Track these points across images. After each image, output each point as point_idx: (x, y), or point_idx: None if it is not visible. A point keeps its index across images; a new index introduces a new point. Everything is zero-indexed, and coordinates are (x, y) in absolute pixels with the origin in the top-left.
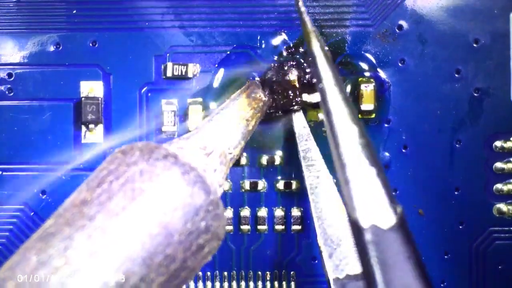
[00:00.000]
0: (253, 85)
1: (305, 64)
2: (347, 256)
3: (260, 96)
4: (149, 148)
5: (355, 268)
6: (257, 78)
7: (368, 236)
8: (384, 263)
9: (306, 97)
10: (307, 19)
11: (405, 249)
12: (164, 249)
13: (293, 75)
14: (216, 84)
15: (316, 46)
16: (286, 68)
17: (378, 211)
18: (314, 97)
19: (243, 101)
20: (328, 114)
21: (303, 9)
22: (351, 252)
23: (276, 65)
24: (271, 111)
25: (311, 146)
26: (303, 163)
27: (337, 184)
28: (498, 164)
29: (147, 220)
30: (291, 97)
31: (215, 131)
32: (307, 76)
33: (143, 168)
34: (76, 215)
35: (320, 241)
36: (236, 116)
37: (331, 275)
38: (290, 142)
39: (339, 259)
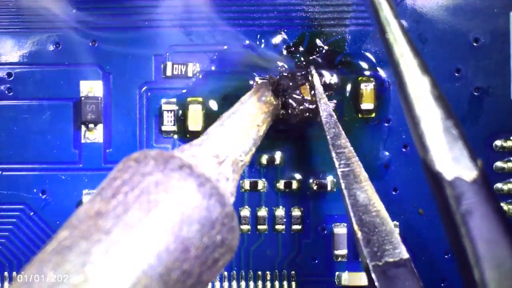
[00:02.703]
0: (263, 88)
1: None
2: (385, 243)
3: (270, 99)
4: (163, 158)
5: (395, 254)
6: (264, 79)
7: (452, 189)
8: (471, 216)
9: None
10: None
11: (490, 202)
12: (181, 265)
13: (306, 89)
14: (215, 83)
15: None
16: (299, 78)
17: (460, 163)
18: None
19: (254, 105)
20: (396, 65)
21: None
22: (388, 239)
23: (287, 74)
24: (281, 127)
25: (339, 133)
26: (333, 151)
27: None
28: (498, 163)
29: (165, 234)
30: (306, 109)
31: (227, 137)
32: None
33: (158, 179)
34: (92, 228)
35: (356, 228)
36: (247, 121)
37: (370, 262)
38: (290, 142)
39: (377, 246)
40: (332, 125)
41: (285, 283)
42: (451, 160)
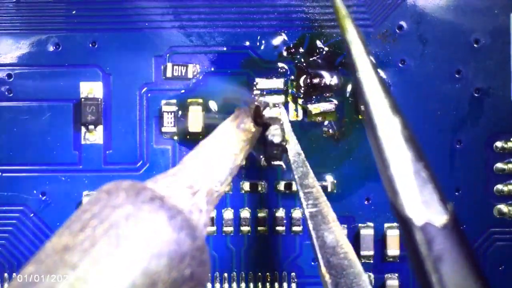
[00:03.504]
0: (242, 115)
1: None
2: (353, 286)
3: (249, 127)
4: (135, 189)
5: None
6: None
7: (423, 235)
8: (440, 262)
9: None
10: (339, 2)
11: (462, 247)
12: None
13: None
14: (215, 84)
15: (351, 33)
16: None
17: (430, 207)
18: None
19: (232, 133)
20: (366, 105)
21: None
22: (356, 282)
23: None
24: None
25: (307, 172)
26: (301, 191)
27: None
28: (499, 165)
29: (131, 269)
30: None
31: (202, 167)
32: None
33: (128, 212)
34: (58, 263)
35: (324, 271)
36: (224, 150)
37: None
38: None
39: None
40: (300, 164)
41: (285, 284)
42: (421, 204)
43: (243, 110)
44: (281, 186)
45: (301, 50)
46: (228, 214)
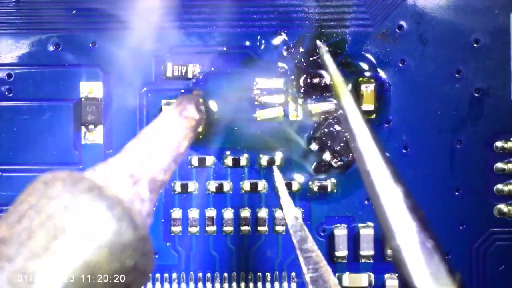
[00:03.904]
0: (184, 101)
1: None
2: None
3: (192, 114)
4: (72, 179)
5: None
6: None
7: None
8: None
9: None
10: (333, 68)
11: None
12: None
13: None
14: (215, 84)
15: (348, 101)
16: None
17: (438, 279)
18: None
19: (174, 120)
20: (367, 174)
21: (326, 57)
22: None
23: None
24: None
25: (306, 236)
26: (300, 256)
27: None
28: (499, 165)
29: (70, 261)
30: None
31: (143, 155)
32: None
33: (66, 202)
34: None
35: None
36: (167, 138)
37: None
38: (290, 142)
39: None
40: (298, 228)
41: (285, 284)
42: (429, 277)
43: (186, 97)
44: None
45: (301, 50)
46: (228, 214)
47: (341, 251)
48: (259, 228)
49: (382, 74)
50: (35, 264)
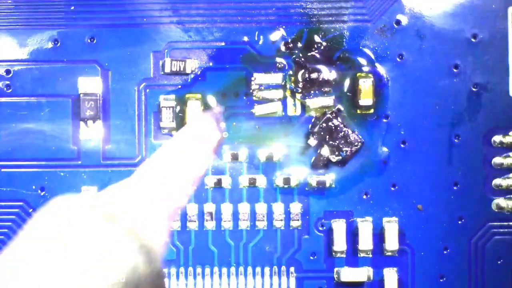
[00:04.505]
0: (205, 120)
1: None
2: None
3: (213, 135)
4: (85, 208)
5: None
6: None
7: None
8: None
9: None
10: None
11: None
12: None
13: None
14: (214, 79)
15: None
16: None
17: None
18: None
19: (194, 143)
20: None
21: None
22: None
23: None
24: None
25: None
26: None
27: None
28: (497, 159)
29: None
30: None
31: (161, 181)
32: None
33: (76, 231)
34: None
35: None
36: (186, 163)
37: None
38: (289, 138)
39: None
40: None
41: (284, 279)
42: None
43: (207, 115)
44: (280, 180)
45: (299, 45)
46: (227, 208)
47: (340, 246)
48: (258, 223)
49: (380, 69)
50: None
